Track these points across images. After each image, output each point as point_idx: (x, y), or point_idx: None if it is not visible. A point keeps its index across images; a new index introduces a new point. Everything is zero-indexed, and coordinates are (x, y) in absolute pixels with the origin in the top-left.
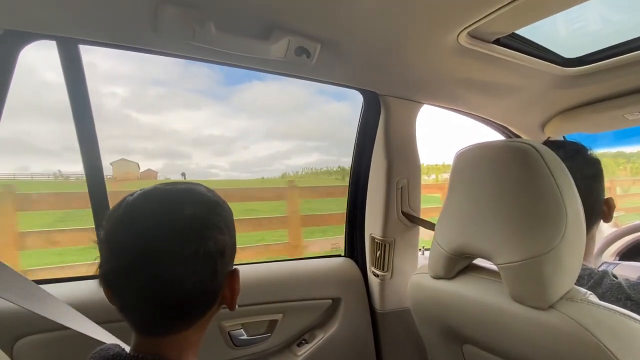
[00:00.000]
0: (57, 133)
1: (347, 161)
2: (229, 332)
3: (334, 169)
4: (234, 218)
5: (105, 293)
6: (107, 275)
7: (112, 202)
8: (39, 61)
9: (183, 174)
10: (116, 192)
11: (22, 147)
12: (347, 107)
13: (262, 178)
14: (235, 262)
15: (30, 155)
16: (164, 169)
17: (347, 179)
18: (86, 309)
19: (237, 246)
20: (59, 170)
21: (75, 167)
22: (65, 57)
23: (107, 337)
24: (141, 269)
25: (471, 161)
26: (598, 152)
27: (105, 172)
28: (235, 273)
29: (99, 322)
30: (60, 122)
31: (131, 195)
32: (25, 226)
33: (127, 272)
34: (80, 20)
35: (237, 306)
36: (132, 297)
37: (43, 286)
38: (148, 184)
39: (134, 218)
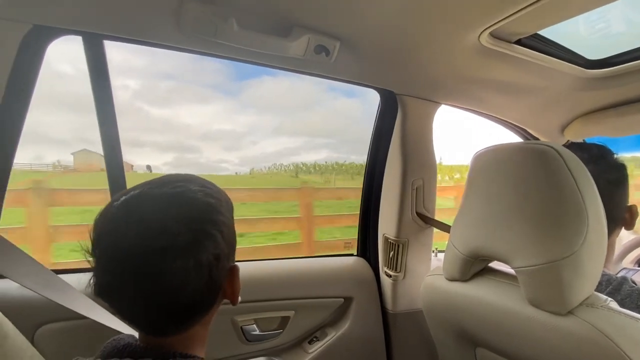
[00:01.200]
0: (69, 124)
1: (355, 158)
2: (241, 327)
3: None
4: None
5: None
6: (100, 289)
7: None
8: (52, 53)
9: (148, 167)
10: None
11: (37, 137)
12: (357, 104)
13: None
14: (248, 259)
15: (44, 145)
16: (174, 162)
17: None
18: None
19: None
20: (58, 161)
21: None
22: (90, 52)
23: (123, 327)
24: (132, 286)
25: (489, 163)
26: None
27: (67, 163)
28: (234, 270)
29: (115, 312)
30: (72, 113)
31: (116, 200)
32: (55, 220)
33: (119, 288)
34: (106, 16)
35: (240, 300)
36: (127, 310)
37: (62, 276)
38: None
39: (119, 231)
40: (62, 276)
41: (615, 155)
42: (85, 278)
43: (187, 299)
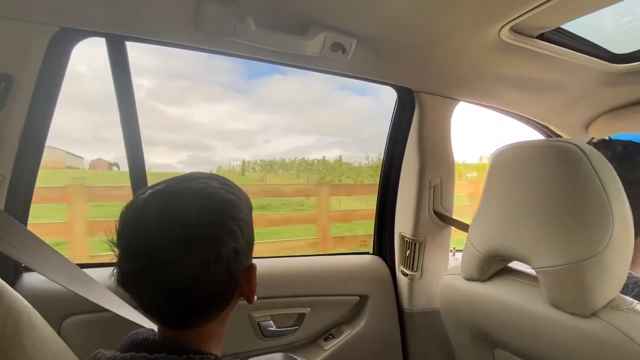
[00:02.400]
0: (87, 123)
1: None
2: (258, 323)
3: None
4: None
5: None
6: (122, 278)
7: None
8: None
9: (116, 165)
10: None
11: (57, 135)
12: (369, 102)
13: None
14: (264, 255)
15: (64, 144)
16: (188, 160)
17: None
18: (125, 293)
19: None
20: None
21: (104, 156)
22: (113, 53)
23: (144, 321)
24: (152, 276)
25: (510, 160)
26: None
27: None
28: (252, 268)
29: (137, 307)
30: (89, 112)
31: (142, 193)
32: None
33: (140, 277)
34: (128, 18)
35: (256, 298)
36: (146, 299)
37: (86, 270)
38: (69, 175)
39: (143, 223)
40: (87, 270)
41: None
42: (108, 272)
43: (204, 291)
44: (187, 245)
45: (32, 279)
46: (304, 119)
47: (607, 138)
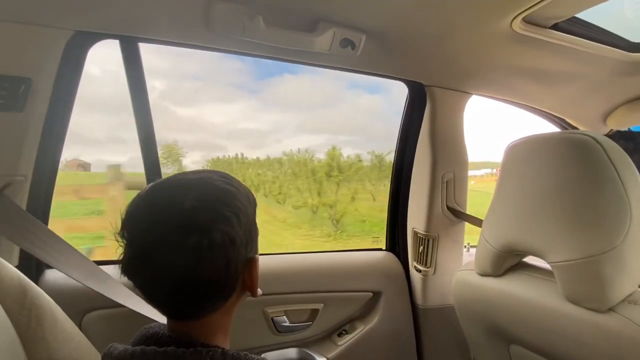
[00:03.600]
0: (102, 124)
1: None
2: (272, 318)
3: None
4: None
5: None
6: (123, 265)
7: None
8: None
9: (83, 166)
10: None
11: (74, 137)
12: (380, 100)
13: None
14: (277, 252)
15: (80, 145)
16: (201, 160)
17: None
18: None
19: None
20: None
21: (119, 157)
22: (127, 54)
23: (157, 316)
24: (149, 261)
25: (524, 154)
26: None
27: None
28: (253, 260)
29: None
30: (105, 114)
31: (146, 187)
32: None
33: (138, 262)
34: (141, 20)
35: (266, 292)
36: (146, 286)
37: (103, 267)
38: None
39: (143, 211)
40: (104, 267)
41: None
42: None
43: (199, 278)
44: (180, 230)
45: (54, 276)
46: (315, 118)
47: (626, 129)
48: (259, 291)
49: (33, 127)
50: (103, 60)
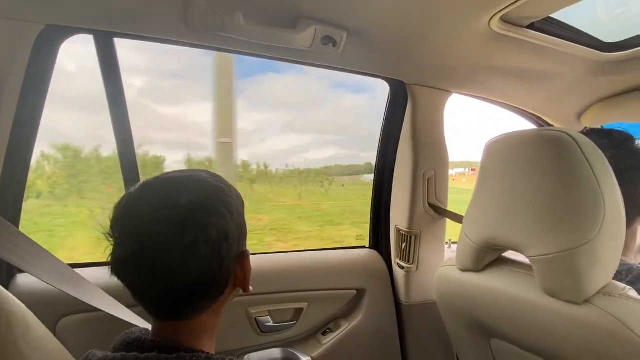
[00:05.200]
0: (80, 122)
1: (364, 156)
2: (255, 319)
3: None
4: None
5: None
6: (114, 264)
7: None
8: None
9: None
10: None
11: (50, 134)
12: (364, 100)
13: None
14: (260, 251)
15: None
16: (184, 159)
17: None
18: (119, 293)
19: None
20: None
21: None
22: (101, 50)
23: (137, 320)
24: (142, 259)
25: (502, 151)
26: None
27: None
28: (244, 255)
29: (130, 306)
30: (83, 112)
31: (135, 186)
32: None
33: (130, 261)
34: (116, 14)
35: (253, 291)
36: (138, 285)
37: (79, 270)
38: None
39: (134, 209)
40: (79, 270)
41: (638, 141)
42: (99, 272)
43: (195, 276)
44: (175, 226)
45: (27, 280)
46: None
47: (599, 127)
48: (250, 288)
49: (1, 126)
50: (81, 55)
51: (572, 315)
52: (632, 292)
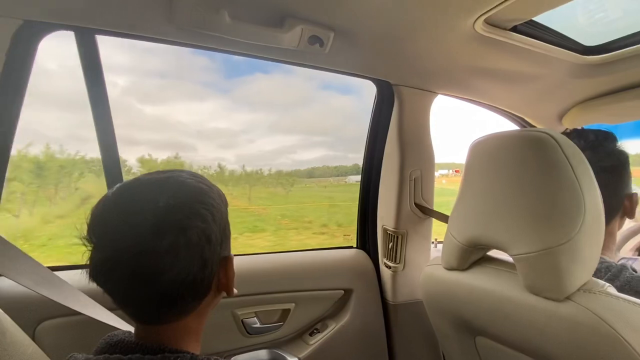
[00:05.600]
0: (62, 121)
1: (353, 157)
2: (242, 320)
3: None
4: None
5: None
6: (93, 270)
7: None
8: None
9: None
10: None
11: (32, 133)
12: (352, 101)
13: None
14: (247, 252)
15: (35, 143)
16: (169, 160)
17: None
18: (100, 295)
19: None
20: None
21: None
22: (83, 47)
23: (119, 323)
24: (120, 264)
25: (486, 151)
26: None
27: None
28: (228, 259)
29: (113, 309)
30: (64, 111)
31: (113, 188)
32: None
33: (109, 266)
34: (97, 10)
35: (239, 292)
36: (118, 290)
37: (58, 273)
38: None
39: (111, 213)
40: (59, 273)
41: (616, 143)
42: (80, 275)
43: (175, 280)
44: (153, 230)
45: (3, 284)
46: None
47: (580, 128)
48: (235, 290)
49: None
50: (63, 52)
51: (554, 312)
52: (612, 289)
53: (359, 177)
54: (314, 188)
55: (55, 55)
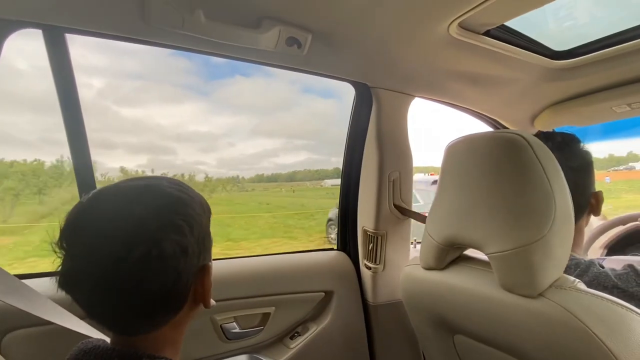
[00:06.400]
0: (34, 124)
1: (336, 161)
2: (221, 326)
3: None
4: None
5: None
6: (62, 279)
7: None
8: (9, 50)
9: None
10: None
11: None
12: (333, 105)
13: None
14: (228, 256)
15: (7, 146)
16: (148, 164)
17: None
18: (70, 303)
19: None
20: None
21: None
22: (51, 46)
23: (91, 332)
24: (91, 274)
25: (461, 152)
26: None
27: None
28: (205, 269)
29: (84, 317)
30: (37, 113)
31: (88, 194)
32: None
33: (79, 276)
34: (67, 8)
35: (214, 300)
36: (88, 300)
37: (26, 281)
38: None
39: (84, 221)
40: (27, 281)
41: (580, 144)
42: (49, 283)
43: (148, 291)
44: (127, 239)
45: None
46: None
47: (551, 131)
48: (212, 302)
49: None
50: (36, 52)
51: (528, 309)
52: (581, 285)
53: (335, 181)
54: (276, 194)
55: (30, 54)
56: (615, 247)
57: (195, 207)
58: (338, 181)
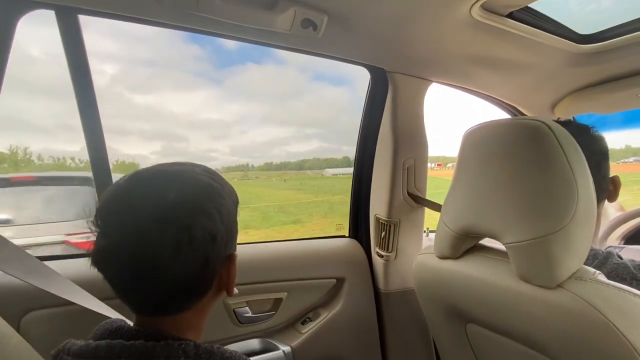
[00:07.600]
0: (49, 110)
1: (347, 150)
2: (234, 310)
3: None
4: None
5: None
6: (95, 256)
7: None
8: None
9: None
10: None
11: (17, 123)
12: (345, 93)
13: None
14: (238, 241)
15: (26, 133)
16: (162, 151)
17: None
18: (90, 285)
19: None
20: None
21: (70, 146)
22: (64, 27)
23: (112, 313)
24: (123, 253)
25: (480, 139)
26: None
27: None
28: (231, 257)
29: (103, 299)
30: (52, 99)
31: (125, 176)
32: None
33: (112, 253)
34: None
35: (236, 288)
36: (118, 279)
37: (47, 263)
38: None
39: (120, 201)
40: (47, 263)
41: (592, 130)
42: (70, 265)
43: (176, 274)
44: (159, 223)
45: None
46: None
47: (571, 118)
48: (235, 290)
49: None
50: (50, 38)
51: (546, 300)
52: (602, 277)
53: (337, 170)
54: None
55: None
56: (634, 238)
57: (225, 195)
58: (340, 170)
